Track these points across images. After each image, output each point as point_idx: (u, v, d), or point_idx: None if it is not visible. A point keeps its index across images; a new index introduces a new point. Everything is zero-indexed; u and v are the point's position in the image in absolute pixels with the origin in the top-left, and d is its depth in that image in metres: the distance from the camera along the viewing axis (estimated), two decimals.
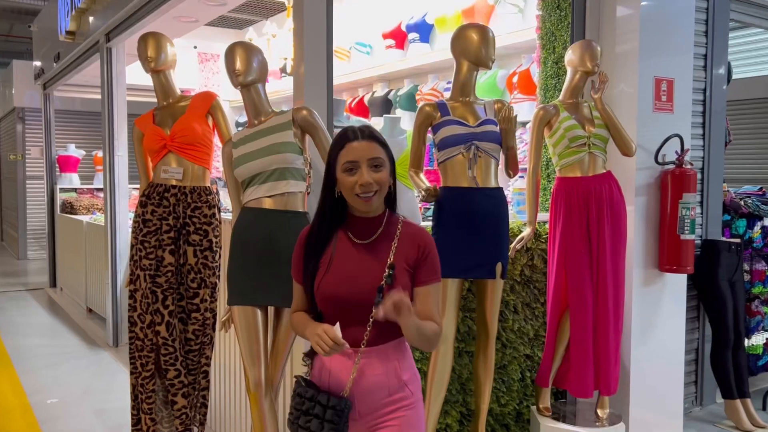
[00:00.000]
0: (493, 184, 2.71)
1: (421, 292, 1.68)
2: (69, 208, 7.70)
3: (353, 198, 1.63)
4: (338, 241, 1.70)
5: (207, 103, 2.83)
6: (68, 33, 6.11)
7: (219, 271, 2.85)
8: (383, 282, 1.61)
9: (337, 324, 1.55)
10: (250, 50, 2.48)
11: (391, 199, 1.71)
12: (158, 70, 2.84)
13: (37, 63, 8.46)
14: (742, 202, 4.30)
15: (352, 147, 1.63)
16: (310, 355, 1.73)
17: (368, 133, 1.66)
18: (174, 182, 2.78)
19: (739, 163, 7.72)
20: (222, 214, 2.93)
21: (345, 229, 1.71)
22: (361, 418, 1.66)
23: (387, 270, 1.63)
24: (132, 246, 2.80)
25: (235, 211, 2.56)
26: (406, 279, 1.66)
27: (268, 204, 2.41)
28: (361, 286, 1.63)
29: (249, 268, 2.41)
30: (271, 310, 2.50)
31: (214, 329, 2.84)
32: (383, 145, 1.67)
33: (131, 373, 2.83)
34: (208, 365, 2.85)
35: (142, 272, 2.73)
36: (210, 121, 2.85)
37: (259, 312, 2.42)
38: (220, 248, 2.86)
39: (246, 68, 2.45)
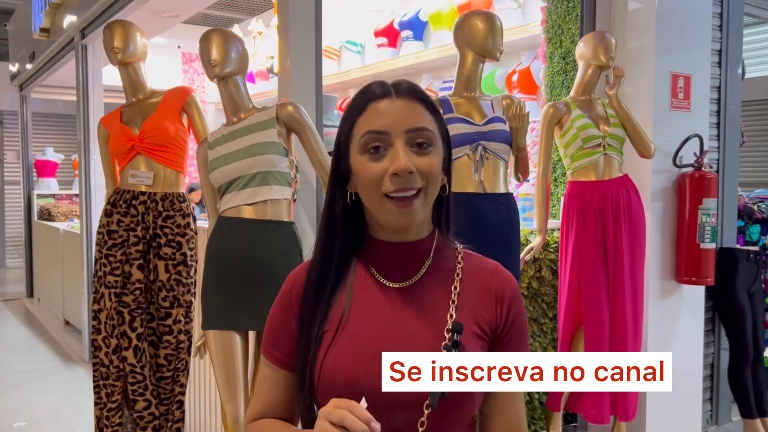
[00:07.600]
0: (502, 190, 2.44)
1: None
2: (46, 214, 7.39)
3: (380, 201, 0.95)
4: (355, 285, 1.01)
5: (181, 99, 2.53)
6: (42, 30, 5.85)
7: (194, 288, 2.55)
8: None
9: (362, 400, 0.86)
10: (228, 38, 2.19)
11: (442, 213, 1.04)
12: (126, 63, 2.55)
13: (14, 64, 8.18)
14: (755, 207, 4.10)
15: (379, 108, 0.95)
16: None
17: (407, 88, 0.98)
18: (143, 188, 2.49)
19: (749, 166, 7.51)
20: (198, 222, 2.63)
21: (365, 262, 1.03)
22: None
23: (447, 334, 0.95)
24: (96, 261, 2.49)
25: (212, 220, 2.27)
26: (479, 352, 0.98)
27: (248, 213, 2.11)
28: None
29: (226, 287, 2.11)
30: (252, 335, 2.21)
31: (189, 353, 2.55)
32: (432, 108, 0.99)
33: (95, 404, 2.54)
34: (183, 394, 2.56)
35: (107, 290, 2.43)
36: (185, 120, 2.56)
37: (237, 337, 2.13)
38: (196, 262, 2.56)
39: (223, 58, 2.16)
